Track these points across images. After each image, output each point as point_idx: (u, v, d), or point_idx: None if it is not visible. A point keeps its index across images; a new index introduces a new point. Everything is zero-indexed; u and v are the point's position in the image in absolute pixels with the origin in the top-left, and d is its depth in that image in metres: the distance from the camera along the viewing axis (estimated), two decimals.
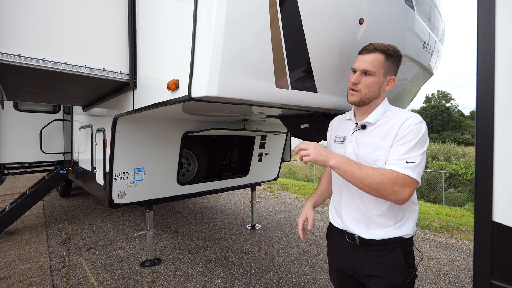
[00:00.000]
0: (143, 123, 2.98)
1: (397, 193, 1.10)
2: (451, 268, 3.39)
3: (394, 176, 1.11)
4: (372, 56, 1.27)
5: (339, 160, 1.19)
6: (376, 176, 1.12)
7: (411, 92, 2.84)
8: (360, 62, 1.29)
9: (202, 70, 1.38)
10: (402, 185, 1.10)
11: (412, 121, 1.18)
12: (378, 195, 1.14)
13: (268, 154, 4.48)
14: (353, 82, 1.29)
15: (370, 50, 1.28)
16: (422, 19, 2.18)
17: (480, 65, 0.76)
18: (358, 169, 1.15)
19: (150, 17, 2.01)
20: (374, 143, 1.25)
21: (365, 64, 1.27)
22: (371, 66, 1.26)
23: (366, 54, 1.29)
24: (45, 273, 3.21)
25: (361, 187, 1.16)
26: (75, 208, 6.09)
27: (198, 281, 3.04)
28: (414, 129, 1.16)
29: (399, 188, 1.10)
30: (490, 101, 0.75)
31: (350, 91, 1.32)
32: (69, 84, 2.39)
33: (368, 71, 1.27)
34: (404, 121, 1.20)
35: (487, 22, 0.76)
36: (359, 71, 1.29)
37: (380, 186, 1.11)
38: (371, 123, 1.29)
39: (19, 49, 1.79)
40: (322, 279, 3.10)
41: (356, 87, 1.30)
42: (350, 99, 1.33)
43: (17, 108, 5.27)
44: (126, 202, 3.05)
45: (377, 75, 1.28)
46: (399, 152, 1.15)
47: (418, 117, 1.21)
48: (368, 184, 1.13)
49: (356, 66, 1.31)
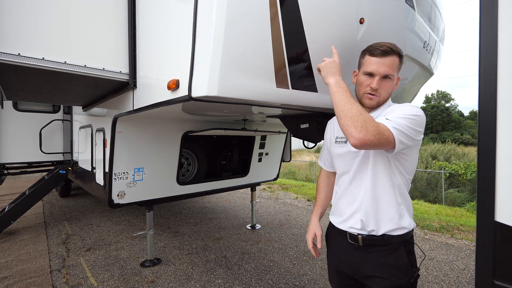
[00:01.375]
0: (143, 123, 2.97)
1: (368, 128, 1.04)
2: (451, 268, 3.39)
3: (370, 119, 1.07)
4: (391, 59, 1.23)
5: (336, 82, 1.24)
6: (356, 110, 1.09)
7: (411, 92, 2.84)
8: (379, 66, 1.23)
9: (202, 70, 1.38)
10: (376, 132, 1.05)
11: (408, 104, 1.21)
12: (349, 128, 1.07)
13: (268, 154, 4.48)
14: (375, 88, 1.24)
15: (386, 52, 1.22)
16: (423, 18, 2.18)
17: (482, 64, 0.76)
18: (345, 97, 1.16)
19: (150, 16, 2.01)
20: None
21: (386, 68, 1.22)
22: (391, 70, 1.23)
23: (383, 57, 1.23)
24: (45, 273, 3.20)
25: (338, 113, 1.14)
26: (74, 208, 6.09)
27: (198, 281, 3.04)
28: (406, 107, 1.19)
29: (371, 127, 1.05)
30: (493, 101, 0.74)
31: (369, 95, 1.27)
32: (68, 84, 2.39)
33: (388, 75, 1.24)
34: (399, 105, 1.23)
35: (489, 20, 0.75)
36: (379, 75, 1.23)
37: (355, 121, 1.06)
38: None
39: (18, 49, 1.78)
40: (322, 279, 3.09)
41: (376, 92, 1.26)
42: (369, 103, 1.28)
43: (17, 108, 5.27)
44: (126, 202, 3.04)
45: (393, 78, 1.27)
46: (391, 114, 1.17)
47: (414, 105, 1.23)
48: (345, 112, 1.10)
49: (374, 70, 1.23)
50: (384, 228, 1.26)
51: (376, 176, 1.27)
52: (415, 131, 1.14)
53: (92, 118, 3.76)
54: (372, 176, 1.28)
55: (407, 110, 1.17)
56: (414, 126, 1.14)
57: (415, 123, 1.15)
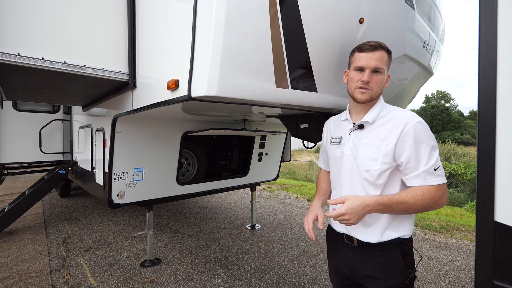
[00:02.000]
0: (142, 123, 2.97)
1: (440, 204, 1.16)
2: (451, 268, 3.38)
3: (433, 193, 1.14)
4: (380, 53, 1.25)
5: (378, 208, 1.17)
6: (419, 203, 1.14)
7: (411, 92, 2.83)
8: (369, 60, 1.25)
9: (201, 70, 1.38)
10: (442, 195, 1.15)
11: (416, 125, 1.17)
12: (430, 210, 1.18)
13: (268, 154, 4.48)
14: (366, 80, 1.25)
15: (375, 47, 1.25)
16: (422, 18, 2.18)
17: (482, 64, 0.76)
18: (399, 206, 1.16)
19: (150, 16, 2.00)
20: (374, 144, 1.24)
21: (376, 61, 1.24)
22: (381, 63, 1.25)
23: (372, 51, 1.25)
24: (45, 274, 3.20)
25: (407, 214, 1.22)
26: (74, 208, 6.08)
27: (198, 281, 3.03)
28: (420, 131, 1.17)
29: (440, 200, 1.16)
30: (492, 101, 0.74)
31: (360, 89, 1.27)
32: (68, 84, 2.38)
33: (378, 69, 1.25)
34: (405, 125, 1.18)
35: (489, 20, 0.75)
36: (369, 69, 1.25)
37: (426, 208, 1.15)
38: (369, 122, 1.28)
39: (18, 49, 1.78)
40: (322, 279, 3.09)
41: (368, 85, 1.26)
42: (361, 97, 1.27)
43: (17, 108, 5.26)
44: (126, 202, 3.04)
45: (383, 72, 1.27)
46: (422, 162, 1.15)
47: (416, 116, 1.21)
48: (415, 211, 1.18)
49: (364, 64, 1.26)
50: (379, 233, 1.26)
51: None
52: (436, 145, 1.19)
53: (92, 118, 3.76)
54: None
55: (423, 135, 1.17)
56: (435, 144, 1.18)
57: (433, 139, 1.18)
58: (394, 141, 1.18)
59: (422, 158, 1.15)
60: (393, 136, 1.19)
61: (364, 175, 1.25)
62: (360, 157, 1.27)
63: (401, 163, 1.18)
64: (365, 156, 1.25)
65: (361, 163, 1.26)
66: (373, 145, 1.24)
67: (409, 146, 1.16)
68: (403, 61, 2.09)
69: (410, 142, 1.16)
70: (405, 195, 1.16)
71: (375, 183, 1.24)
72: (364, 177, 1.26)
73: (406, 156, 1.16)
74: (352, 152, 1.30)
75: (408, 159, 1.16)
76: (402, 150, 1.17)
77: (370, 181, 1.25)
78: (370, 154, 1.23)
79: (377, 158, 1.21)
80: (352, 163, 1.30)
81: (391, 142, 1.19)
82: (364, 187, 1.26)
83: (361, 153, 1.26)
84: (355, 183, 1.29)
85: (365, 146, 1.26)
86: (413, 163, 1.16)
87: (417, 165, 1.15)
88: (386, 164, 1.20)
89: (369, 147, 1.25)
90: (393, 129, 1.20)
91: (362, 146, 1.27)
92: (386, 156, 1.20)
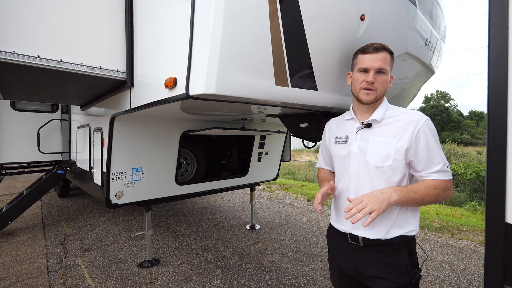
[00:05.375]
0: (140, 122, 2.94)
1: (448, 195, 1.22)
2: (452, 268, 3.36)
3: (443, 185, 1.20)
4: (383, 54, 1.29)
5: (398, 197, 1.18)
6: (432, 194, 1.19)
7: (412, 91, 2.81)
8: (372, 61, 1.28)
9: (200, 67, 1.35)
10: (450, 186, 1.22)
11: (426, 122, 1.22)
12: (441, 200, 1.24)
13: (267, 154, 4.45)
14: (371, 81, 1.28)
15: (378, 48, 1.29)
16: (424, 16, 2.15)
17: (492, 63, 0.73)
18: (415, 194, 1.19)
19: (147, 13, 1.98)
20: (384, 140, 1.26)
21: (380, 62, 1.27)
22: (385, 64, 1.28)
23: (376, 53, 1.29)
24: (42, 274, 3.17)
25: (421, 205, 1.24)
26: (73, 208, 6.05)
27: (197, 282, 3.01)
28: (429, 129, 1.21)
29: (449, 191, 1.22)
30: (503, 100, 0.71)
31: (365, 91, 1.30)
32: (65, 83, 2.35)
33: (382, 69, 1.28)
34: (416, 123, 1.22)
35: (499, 17, 0.72)
36: (373, 70, 1.28)
37: (437, 199, 1.20)
38: (377, 120, 1.30)
39: (13, 46, 1.75)
40: (322, 280, 3.06)
41: (372, 86, 1.29)
42: (366, 98, 1.30)
43: (15, 108, 5.23)
44: (124, 203, 3.01)
45: (387, 73, 1.31)
46: (435, 159, 1.21)
47: (423, 115, 1.25)
48: (428, 202, 1.22)
49: (368, 65, 1.29)
50: (385, 231, 1.25)
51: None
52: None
53: (90, 117, 3.73)
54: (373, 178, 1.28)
55: (431, 133, 1.22)
56: (440, 146, 1.23)
57: (438, 139, 1.24)
58: (406, 139, 1.21)
59: (436, 156, 1.20)
60: (404, 133, 1.22)
61: (374, 172, 1.27)
62: (370, 154, 1.27)
63: (415, 160, 1.22)
64: (376, 153, 1.26)
65: (372, 160, 1.27)
66: (383, 142, 1.25)
67: (422, 144, 1.20)
68: (404, 59, 2.06)
69: (423, 139, 1.20)
70: (417, 185, 1.21)
71: (388, 180, 1.25)
72: (374, 174, 1.27)
73: (420, 153, 1.20)
74: (360, 150, 1.31)
75: (421, 157, 1.20)
76: (416, 147, 1.20)
77: (381, 178, 1.26)
78: (381, 151, 1.25)
79: (389, 155, 1.23)
80: (360, 161, 1.31)
81: (403, 139, 1.22)
82: (373, 183, 1.27)
83: (371, 150, 1.27)
84: (364, 181, 1.30)
85: (374, 143, 1.27)
86: (426, 160, 1.20)
87: (431, 163, 1.20)
88: (398, 160, 1.22)
89: (379, 144, 1.26)
90: (403, 127, 1.23)
91: (372, 144, 1.28)
92: (397, 152, 1.22)
